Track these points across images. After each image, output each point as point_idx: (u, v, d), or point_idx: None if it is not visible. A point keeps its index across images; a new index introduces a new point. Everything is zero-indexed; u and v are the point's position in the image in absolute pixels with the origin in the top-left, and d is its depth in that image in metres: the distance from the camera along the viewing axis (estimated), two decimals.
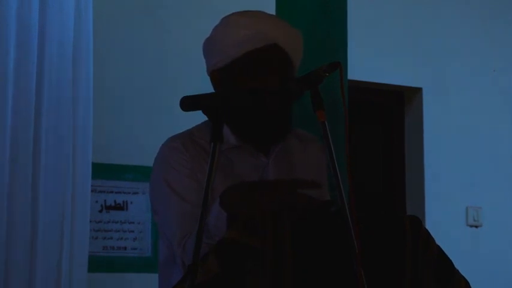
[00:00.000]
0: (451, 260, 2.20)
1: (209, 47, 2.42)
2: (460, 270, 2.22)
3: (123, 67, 4.57)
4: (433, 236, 2.19)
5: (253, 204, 2.09)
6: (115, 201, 4.49)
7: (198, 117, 2.43)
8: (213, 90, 2.43)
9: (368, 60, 5.16)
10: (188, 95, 2.17)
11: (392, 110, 5.61)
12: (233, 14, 2.45)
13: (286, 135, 2.40)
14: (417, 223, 2.16)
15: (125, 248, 4.48)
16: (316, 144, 2.53)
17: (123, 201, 4.50)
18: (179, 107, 2.41)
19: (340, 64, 2.12)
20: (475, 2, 5.63)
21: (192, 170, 2.32)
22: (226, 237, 2.05)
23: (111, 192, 4.49)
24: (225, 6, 2.50)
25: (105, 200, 4.49)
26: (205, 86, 2.47)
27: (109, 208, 4.49)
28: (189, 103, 2.16)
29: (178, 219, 2.27)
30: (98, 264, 4.38)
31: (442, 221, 5.26)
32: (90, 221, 4.27)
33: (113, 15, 4.57)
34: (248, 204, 2.10)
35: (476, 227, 5.50)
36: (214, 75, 2.41)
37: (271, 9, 3.50)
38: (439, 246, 2.19)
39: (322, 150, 2.51)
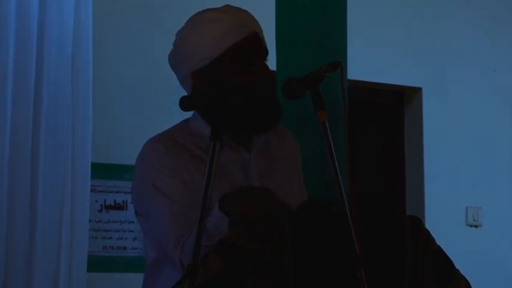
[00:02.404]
0: (451, 260, 2.20)
1: (183, 51, 2.39)
2: (460, 270, 2.22)
3: (123, 66, 4.57)
4: (433, 236, 2.19)
5: (252, 208, 2.09)
6: (115, 201, 4.49)
7: None
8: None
9: (368, 60, 5.15)
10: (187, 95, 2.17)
11: (392, 110, 5.61)
12: (201, 13, 2.42)
13: (275, 125, 2.40)
14: (417, 223, 2.16)
15: (125, 248, 4.48)
16: (291, 138, 2.55)
17: (123, 201, 4.50)
18: (178, 107, 2.41)
19: (340, 64, 2.12)
20: (475, 2, 5.63)
21: (176, 170, 2.30)
22: (226, 237, 2.05)
23: (111, 192, 4.49)
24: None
25: (104, 200, 4.48)
26: None
27: (109, 208, 4.49)
28: (188, 103, 2.16)
29: (170, 220, 2.26)
30: (98, 264, 4.38)
31: (442, 221, 5.25)
32: (90, 221, 4.27)
33: (112, 15, 4.57)
34: (247, 207, 2.09)
35: (476, 226, 5.50)
36: (196, 76, 2.36)
37: (271, 9, 3.49)
38: (439, 246, 2.19)
39: (296, 143, 2.54)
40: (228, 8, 2.42)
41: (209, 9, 2.43)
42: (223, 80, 2.32)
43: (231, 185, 2.25)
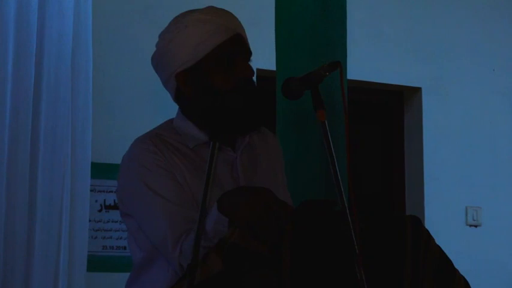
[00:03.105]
0: (450, 260, 2.20)
1: (167, 53, 2.38)
2: (459, 270, 2.22)
3: (123, 66, 4.57)
4: (433, 236, 2.19)
5: (252, 208, 2.08)
6: (114, 201, 4.49)
7: None
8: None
9: (367, 60, 5.16)
10: None
11: (392, 110, 5.61)
12: (184, 14, 2.42)
13: (261, 125, 2.40)
14: (417, 223, 2.16)
15: (125, 248, 4.47)
16: (274, 140, 2.56)
17: None
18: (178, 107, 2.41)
19: (340, 64, 2.12)
20: (475, 2, 5.63)
21: (168, 170, 2.29)
22: (226, 237, 2.05)
23: (111, 191, 4.49)
24: (224, 7, 2.49)
25: (104, 200, 4.48)
26: None
27: (108, 208, 4.49)
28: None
29: (165, 220, 2.24)
30: (98, 263, 4.38)
31: (442, 221, 5.26)
32: (90, 221, 4.27)
33: (112, 15, 4.57)
34: (247, 207, 2.09)
35: (475, 226, 5.50)
36: (180, 77, 2.37)
37: (271, 9, 3.50)
38: (439, 246, 2.19)
39: (279, 146, 2.56)
40: (211, 10, 2.42)
41: (192, 11, 2.42)
42: (207, 82, 2.32)
43: (219, 186, 2.25)
